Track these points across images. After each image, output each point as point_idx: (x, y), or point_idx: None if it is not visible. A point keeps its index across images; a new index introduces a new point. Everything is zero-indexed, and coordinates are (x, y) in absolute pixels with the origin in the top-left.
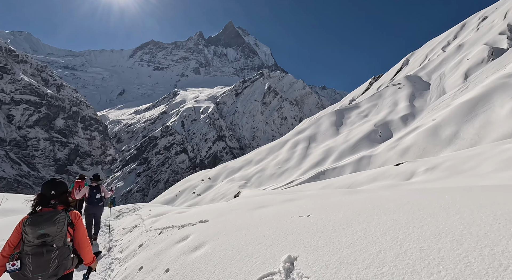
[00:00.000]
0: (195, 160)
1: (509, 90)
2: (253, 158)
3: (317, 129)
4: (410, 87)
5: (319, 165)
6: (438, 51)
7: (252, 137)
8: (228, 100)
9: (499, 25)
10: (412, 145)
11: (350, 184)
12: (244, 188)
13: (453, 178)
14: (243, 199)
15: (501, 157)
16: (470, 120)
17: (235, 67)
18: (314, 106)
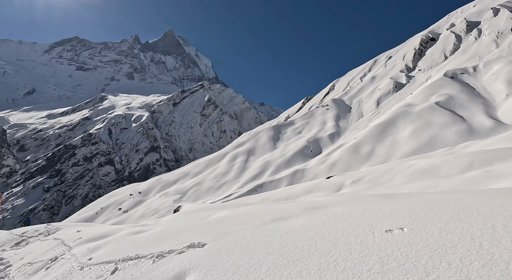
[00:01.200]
0: (123, 172)
1: (408, 116)
2: (190, 170)
3: (256, 143)
4: (336, 109)
5: (257, 178)
6: (357, 80)
7: (189, 149)
8: (165, 109)
9: (400, 64)
10: (338, 160)
11: (287, 196)
12: (180, 202)
13: (374, 189)
14: (239, 208)
15: (408, 172)
16: (382, 140)
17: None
18: (253, 120)
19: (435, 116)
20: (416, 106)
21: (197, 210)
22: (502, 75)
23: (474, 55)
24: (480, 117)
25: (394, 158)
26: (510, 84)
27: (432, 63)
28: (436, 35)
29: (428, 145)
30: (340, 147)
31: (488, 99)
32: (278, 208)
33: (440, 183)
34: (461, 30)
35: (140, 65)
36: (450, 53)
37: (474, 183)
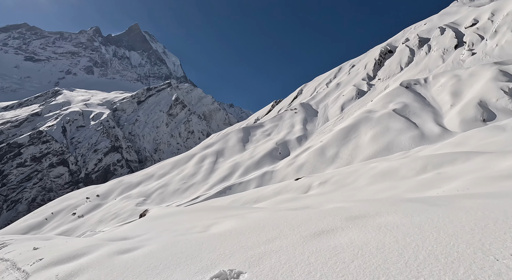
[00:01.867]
0: (78, 174)
1: (369, 122)
2: (155, 172)
3: (225, 144)
4: (304, 113)
5: (226, 180)
6: (323, 85)
7: (154, 150)
8: (129, 107)
9: (362, 73)
10: (306, 163)
11: (257, 198)
12: (144, 205)
13: (340, 190)
14: (246, 217)
15: (370, 174)
16: (346, 143)
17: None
18: (222, 122)
19: (393, 122)
20: (376, 112)
21: (167, 214)
22: (447, 87)
23: (425, 68)
24: (430, 124)
25: (357, 161)
26: (454, 96)
27: (390, 73)
28: (393, 48)
29: (387, 149)
30: (307, 149)
31: (436, 108)
32: (305, 217)
33: (399, 184)
34: (414, 45)
35: (101, 59)
36: (405, 65)
37: (428, 184)
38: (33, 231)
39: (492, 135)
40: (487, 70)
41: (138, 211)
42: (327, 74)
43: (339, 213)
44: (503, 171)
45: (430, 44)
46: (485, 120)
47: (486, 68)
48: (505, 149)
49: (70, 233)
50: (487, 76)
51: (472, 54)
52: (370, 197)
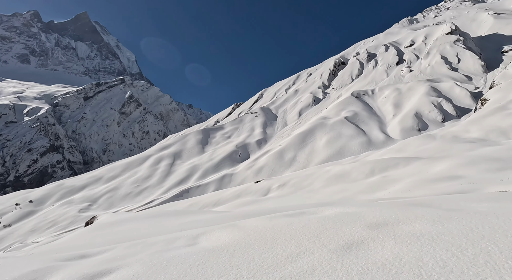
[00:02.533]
0: (6, 177)
1: (324, 128)
2: (103, 174)
3: (183, 146)
4: (264, 117)
5: (183, 183)
6: (283, 91)
7: (103, 150)
8: (73, 103)
9: (318, 82)
10: (265, 166)
11: (216, 201)
12: (89, 211)
13: (298, 192)
14: (243, 224)
15: (325, 177)
16: (303, 147)
17: (87, 66)
18: (180, 123)
19: (345, 128)
20: (331, 119)
21: (121, 221)
22: (390, 99)
23: (372, 81)
24: (376, 132)
25: (313, 164)
26: (396, 107)
27: (342, 83)
28: (345, 60)
29: (339, 153)
30: (266, 153)
31: (381, 117)
32: (316, 226)
33: (351, 186)
34: (364, 59)
35: (40, 48)
36: (355, 77)
37: (376, 186)
38: None
39: (425, 143)
40: (422, 86)
41: (81, 218)
42: (286, 81)
43: (353, 220)
44: (436, 175)
45: (377, 59)
46: (420, 130)
47: (420, 84)
48: (436, 155)
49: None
50: (422, 91)
51: (410, 71)
52: (326, 198)
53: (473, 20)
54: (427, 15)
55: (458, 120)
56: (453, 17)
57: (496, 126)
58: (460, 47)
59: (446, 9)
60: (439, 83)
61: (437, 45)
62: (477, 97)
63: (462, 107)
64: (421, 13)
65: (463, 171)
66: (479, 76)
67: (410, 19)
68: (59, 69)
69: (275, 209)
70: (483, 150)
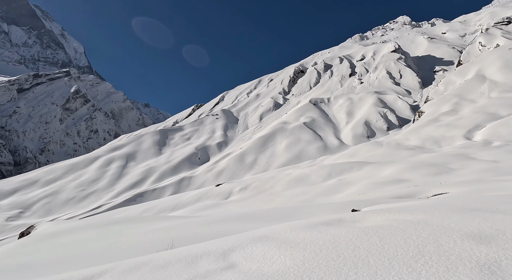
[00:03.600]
0: None
1: (284, 132)
2: (40, 177)
3: (138, 147)
4: (225, 119)
5: (138, 186)
6: (244, 95)
7: (40, 150)
8: (4, 95)
9: (279, 87)
10: (225, 169)
11: (174, 205)
12: (19, 219)
13: (260, 195)
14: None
15: (286, 180)
16: (263, 151)
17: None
18: (135, 122)
19: (303, 133)
20: (290, 124)
21: (67, 230)
22: (344, 107)
23: (328, 89)
24: (331, 137)
25: (273, 167)
26: (349, 115)
27: (301, 90)
28: (304, 68)
29: (298, 157)
30: (227, 155)
31: (336, 124)
32: (417, 241)
33: (311, 189)
34: (321, 68)
35: None
36: (313, 85)
37: (334, 189)
38: None
39: (374, 149)
40: (370, 97)
41: (9, 227)
42: (248, 84)
43: (455, 228)
44: (385, 178)
45: (333, 70)
46: (369, 137)
47: (369, 95)
48: (383, 160)
49: None
50: (370, 101)
51: (361, 83)
52: (288, 200)
53: (412, 42)
54: (376, 33)
55: (400, 129)
56: (397, 38)
57: (430, 136)
58: (402, 64)
59: (391, 29)
60: (385, 95)
61: (383, 61)
62: (415, 109)
63: (403, 118)
64: (371, 31)
65: (408, 175)
66: (417, 91)
67: (361, 36)
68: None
69: (247, 213)
70: (422, 156)
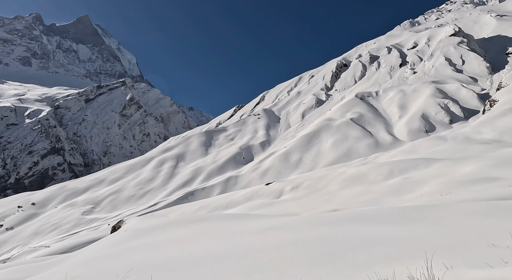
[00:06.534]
0: (6, 179)
1: (330, 129)
2: (106, 177)
3: (186, 148)
4: (267, 119)
5: (188, 185)
6: (285, 93)
7: (103, 153)
8: (74, 105)
9: (320, 83)
10: (270, 168)
11: (227, 203)
12: (92, 214)
13: (314, 194)
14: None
15: (341, 178)
16: (308, 149)
17: (88, 68)
18: (181, 125)
19: (351, 130)
20: (336, 120)
21: (156, 227)
22: (395, 100)
23: (375, 82)
24: (383, 133)
25: (320, 166)
26: (401, 108)
27: (345, 85)
28: (348, 62)
29: (346, 155)
30: (271, 155)
31: (387, 118)
32: None
33: (372, 188)
34: (366, 61)
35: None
36: (358, 78)
37: (400, 188)
38: None
39: (437, 144)
40: (427, 87)
41: (85, 220)
42: (288, 83)
43: None
44: (467, 176)
45: (380, 61)
46: (428, 131)
47: (425, 85)
48: (454, 156)
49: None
50: (427, 92)
51: (414, 73)
52: (348, 201)
53: (476, 22)
54: (429, 18)
55: (466, 121)
56: (455, 19)
57: (509, 127)
58: (464, 48)
59: (447, 11)
60: (445, 84)
61: (441, 47)
62: (484, 99)
63: (469, 109)
64: (423, 16)
65: (497, 173)
66: (485, 78)
67: (411, 22)
68: (61, 71)
69: (350, 214)
70: (506, 151)
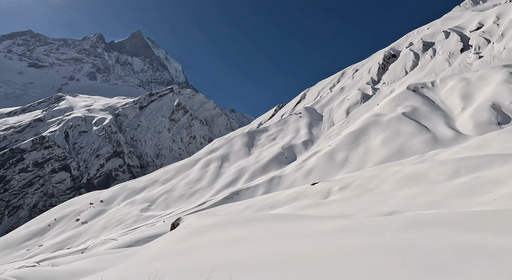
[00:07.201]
0: (80, 179)
1: (379, 125)
2: (159, 177)
3: (230, 149)
4: (309, 117)
5: (232, 185)
6: (327, 90)
7: (156, 155)
8: (131, 112)
9: (366, 77)
10: (315, 167)
11: (273, 203)
12: (148, 211)
13: (365, 195)
14: None
15: (395, 178)
16: (355, 147)
17: (141, 78)
18: (224, 127)
19: (403, 125)
20: (385, 116)
21: (212, 226)
22: (456, 90)
23: (431, 72)
24: (442, 128)
25: (369, 165)
26: (464, 99)
27: (395, 77)
28: (396, 52)
29: (399, 153)
30: (315, 154)
31: (446, 111)
32: None
33: (434, 189)
34: (419, 49)
35: (104, 65)
36: (410, 69)
37: (470, 189)
38: (36, 238)
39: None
40: (497, 73)
41: (143, 217)
42: (330, 79)
43: None
44: None
45: (435, 48)
46: (500, 123)
47: (495, 71)
48: None
49: (74, 240)
50: (498, 79)
51: (479, 57)
52: (405, 202)
53: None
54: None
55: None
56: None
57: None
58: None
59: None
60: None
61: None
62: None
63: None
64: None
65: None
66: None
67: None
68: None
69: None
70: None
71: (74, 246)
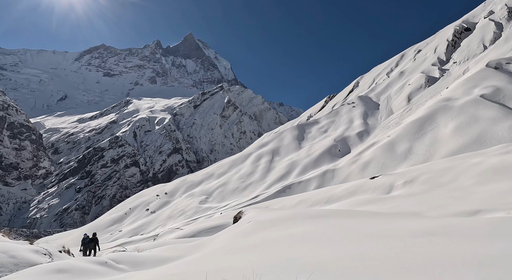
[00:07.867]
0: (147, 174)
1: (449, 111)
2: (214, 171)
3: (280, 143)
4: (363, 106)
5: (284, 179)
6: (383, 76)
7: (210, 150)
8: (186, 111)
9: (431, 58)
10: (372, 160)
11: (328, 198)
12: (206, 203)
13: (437, 190)
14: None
15: (476, 171)
16: (420, 137)
17: (194, 79)
18: (272, 121)
19: (482, 110)
20: (457, 100)
21: (275, 221)
22: None
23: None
24: None
25: (438, 156)
26: None
27: (469, 54)
28: (471, 25)
29: (477, 142)
30: (372, 145)
31: None
32: None
33: None
34: (502, 17)
35: (162, 69)
36: (490, 43)
37: None
38: (116, 224)
39: None
40: None
41: (202, 209)
42: (387, 63)
43: None
44: None
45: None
46: None
47: None
48: None
49: (145, 227)
50: None
51: None
52: (492, 199)
53: None
54: None
55: None
56: None
57: None
58: None
59: None
60: None
61: None
62: None
63: None
64: None
65: None
66: None
67: None
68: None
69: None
70: None
71: (146, 233)
